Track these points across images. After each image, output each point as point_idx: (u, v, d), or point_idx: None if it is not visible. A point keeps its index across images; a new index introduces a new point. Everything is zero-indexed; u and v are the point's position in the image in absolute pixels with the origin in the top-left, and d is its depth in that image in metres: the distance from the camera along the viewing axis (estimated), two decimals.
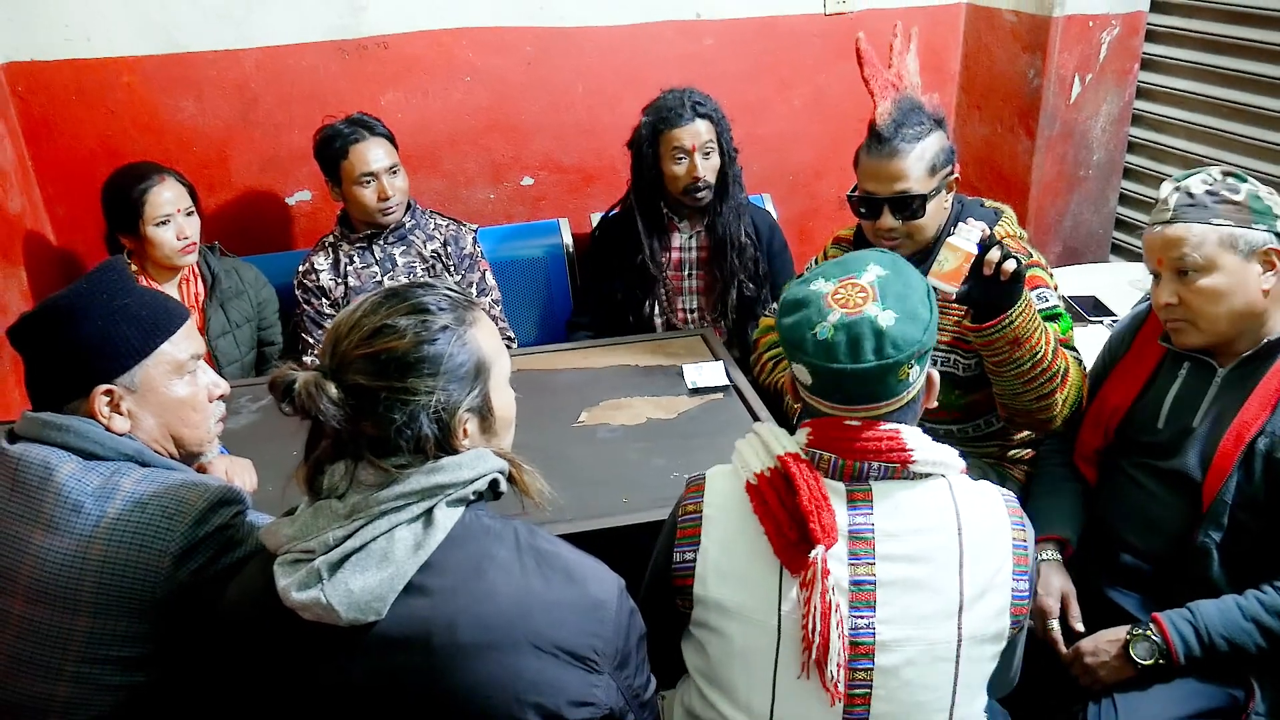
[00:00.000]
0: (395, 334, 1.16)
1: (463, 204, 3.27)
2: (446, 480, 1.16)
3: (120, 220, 2.53)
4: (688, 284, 2.83)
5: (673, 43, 3.22)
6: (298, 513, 1.19)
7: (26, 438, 1.40)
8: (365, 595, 1.10)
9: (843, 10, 3.31)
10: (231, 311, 2.69)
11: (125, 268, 1.49)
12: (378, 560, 1.12)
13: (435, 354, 1.17)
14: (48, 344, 1.42)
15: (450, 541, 1.16)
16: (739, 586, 1.33)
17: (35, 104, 2.84)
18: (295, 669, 1.17)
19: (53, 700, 1.33)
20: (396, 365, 1.15)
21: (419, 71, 3.08)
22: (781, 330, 1.34)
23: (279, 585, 1.13)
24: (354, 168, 2.64)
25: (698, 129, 2.64)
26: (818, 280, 1.35)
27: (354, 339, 1.17)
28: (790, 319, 1.33)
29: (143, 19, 2.82)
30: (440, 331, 1.18)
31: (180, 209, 2.54)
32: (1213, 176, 1.71)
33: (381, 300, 1.21)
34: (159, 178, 2.52)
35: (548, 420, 2.20)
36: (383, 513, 1.14)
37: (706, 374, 2.33)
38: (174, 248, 2.53)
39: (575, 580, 1.19)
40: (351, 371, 1.15)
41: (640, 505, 1.87)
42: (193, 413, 1.49)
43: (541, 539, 1.23)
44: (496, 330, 1.30)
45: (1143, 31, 3.17)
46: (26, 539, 1.34)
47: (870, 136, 2.02)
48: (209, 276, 2.68)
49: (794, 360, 1.33)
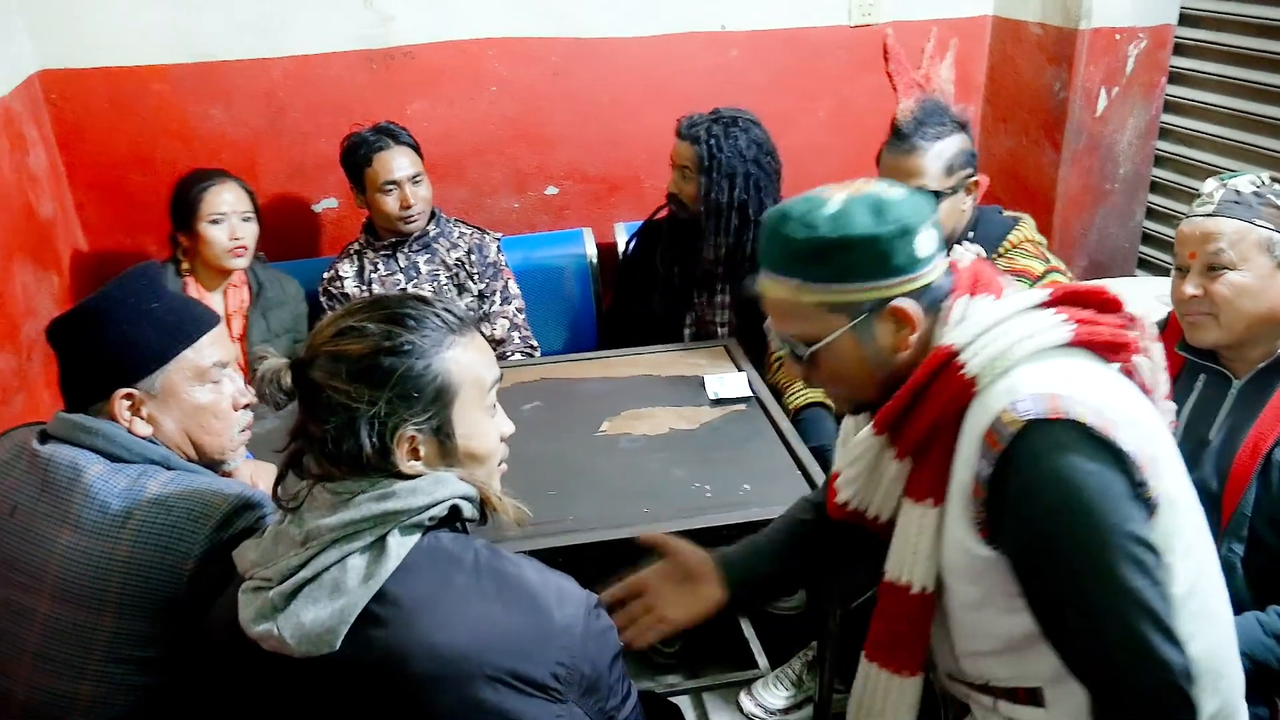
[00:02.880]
0: (357, 337, 1.14)
1: (487, 213, 3.28)
2: (398, 507, 1.12)
3: (179, 216, 2.60)
4: (719, 297, 2.83)
5: (698, 54, 3.23)
6: (265, 534, 1.18)
7: (58, 438, 1.42)
8: (316, 628, 1.08)
9: (868, 22, 3.31)
10: (273, 320, 2.72)
11: (156, 273, 1.50)
12: (329, 591, 1.09)
13: (389, 366, 1.13)
14: (74, 346, 1.45)
15: (405, 569, 1.11)
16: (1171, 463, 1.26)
17: (68, 111, 2.88)
18: (262, 695, 1.16)
19: (76, 699, 1.34)
20: (348, 368, 1.13)
21: (445, 81, 3.10)
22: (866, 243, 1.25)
23: (240, 616, 1.12)
24: (378, 175, 2.66)
25: (682, 149, 2.67)
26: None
27: (325, 334, 1.16)
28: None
29: (174, 29, 2.86)
30: (404, 346, 1.14)
31: (237, 211, 2.60)
32: (1261, 179, 1.72)
33: (366, 304, 1.20)
34: (221, 180, 2.61)
35: (570, 429, 2.20)
36: (334, 541, 1.11)
37: (729, 384, 2.33)
38: (224, 247, 2.58)
39: (538, 605, 1.14)
40: (314, 366, 1.14)
41: (661, 515, 1.87)
42: (214, 420, 1.50)
43: (504, 560, 1.17)
44: (488, 358, 1.25)
45: (1170, 45, 3.15)
46: (54, 538, 1.35)
47: (891, 133, 2.03)
48: (255, 285, 2.72)
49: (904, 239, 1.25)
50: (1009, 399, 1.19)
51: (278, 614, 1.09)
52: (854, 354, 1.31)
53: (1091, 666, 1.20)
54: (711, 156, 2.66)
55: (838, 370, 1.34)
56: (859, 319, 1.28)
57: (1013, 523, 1.21)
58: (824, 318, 1.29)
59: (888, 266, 1.25)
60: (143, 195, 2.98)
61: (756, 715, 2.35)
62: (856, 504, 1.42)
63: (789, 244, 1.27)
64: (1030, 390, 1.19)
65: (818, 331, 1.30)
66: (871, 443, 1.34)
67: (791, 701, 2.34)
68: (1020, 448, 1.18)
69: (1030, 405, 1.17)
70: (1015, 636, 1.29)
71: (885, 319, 1.28)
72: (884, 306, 1.27)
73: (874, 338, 1.30)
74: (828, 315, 1.29)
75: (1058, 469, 1.17)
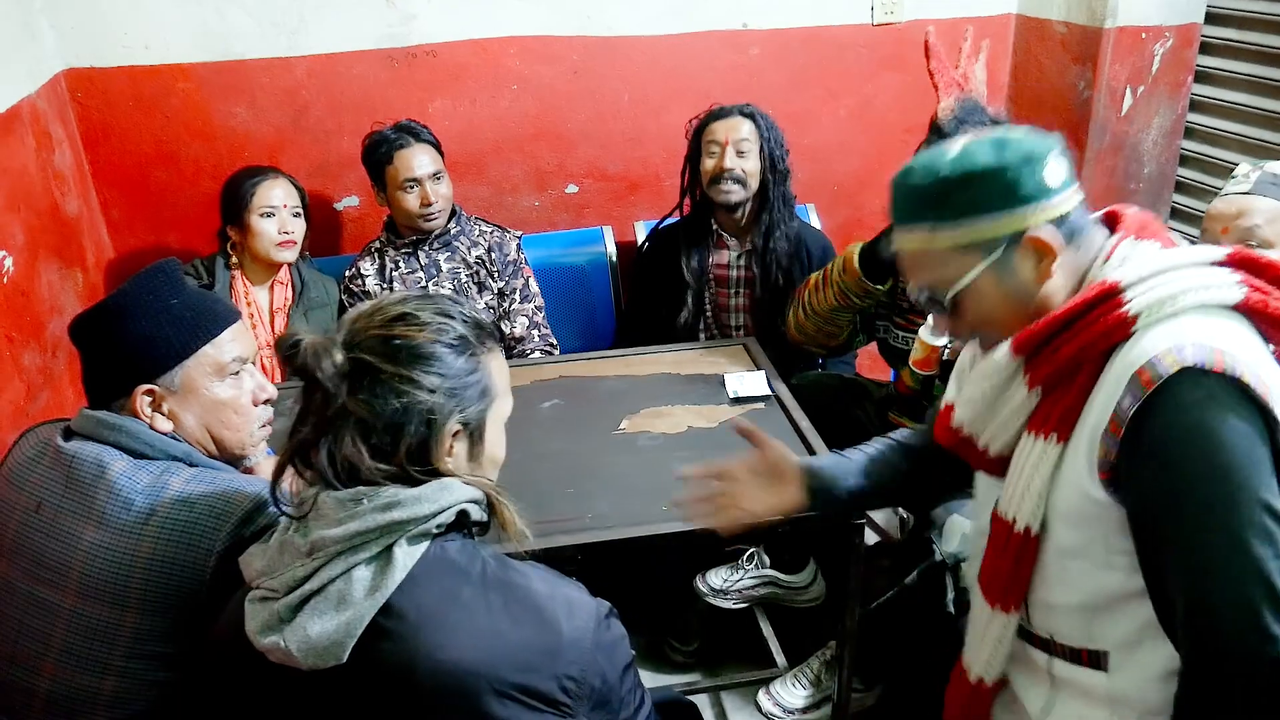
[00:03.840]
0: (416, 324, 1.15)
1: (507, 211, 3.29)
2: (404, 516, 1.11)
3: (230, 210, 2.64)
4: (734, 300, 2.83)
5: (719, 52, 3.22)
6: (271, 542, 1.18)
7: (82, 435, 1.43)
8: (323, 640, 1.07)
9: (890, 21, 3.29)
10: (313, 320, 2.74)
11: (175, 269, 1.51)
12: (334, 603, 1.08)
13: (447, 356, 1.15)
14: (95, 343, 1.46)
15: (412, 581, 1.10)
16: None
17: (93, 109, 2.90)
18: (269, 705, 1.15)
19: (100, 694, 1.35)
20: (408, 353, 1.13)
21: (466, 79, 3.10)
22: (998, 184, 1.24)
23: (247, 627, 1.12)
24: (398, 173, 2.68)
25: (736, 124, 2.65)
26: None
27: (374, 319, 1.16)
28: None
29: (198, 27, 2.88)
30: (457, 340, 1.16)
31: (287, 205, 2.65)
32: None
33: (410, 295, 1.21)
34: (274, 176, 2.66)
35: (589, 427, 2.21)
36: (339, 552, 1.10)
37: (748, 383, 2.33)
38: (273, 240, 2.62)
39: (545, 618, 1.12)
40: (362, 349, 1.14)
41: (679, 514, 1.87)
42: (234, 415, 1.51)
43: (512, 571, 1.16)
44: (507, 371, 1.27)
45: (1197, 43, 3.12)
46: (79, 534, 1.36)
47: (931, 132, 2.03)
48: (299, 283, 2.74)
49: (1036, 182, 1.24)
50: (1171, 341, 1.16)
51: (284, 626, 1.09)
52: (995, 292, 1.28)
53: (1192, 629, 1.17)
54: (769, 129, 2.68)
55: (982, 311, 1.31)
56: (995, 254, 1.26)
57: (1144, 467, 1.17)
58: (959, 259, 1.27)
59: (1016, 196, 1.23)
60: (168, 194, 3.00)
61: (775, 714, 2.35)
62: (969, 429, 1.39)
63: (914, 191, 1.27)
64: (1195, 338, 1.15)
65: (955, 274, 1.28)
66: (1006, 365, 1.30)
67: (810, 701, 2.34)
68: (1173, 390, 1.14)
69: (1194, 353, 1.14)
70: (1101, 594, 1.27)
71: (1023, 251, 1.25)
72: (1019, 238, 1.25)
73: (1014, 272, 1.27)
74: (962, 256, 1.27)
75: (1206, 420, 1.13)
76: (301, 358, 1.12)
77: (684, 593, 2.60)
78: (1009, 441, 1.34)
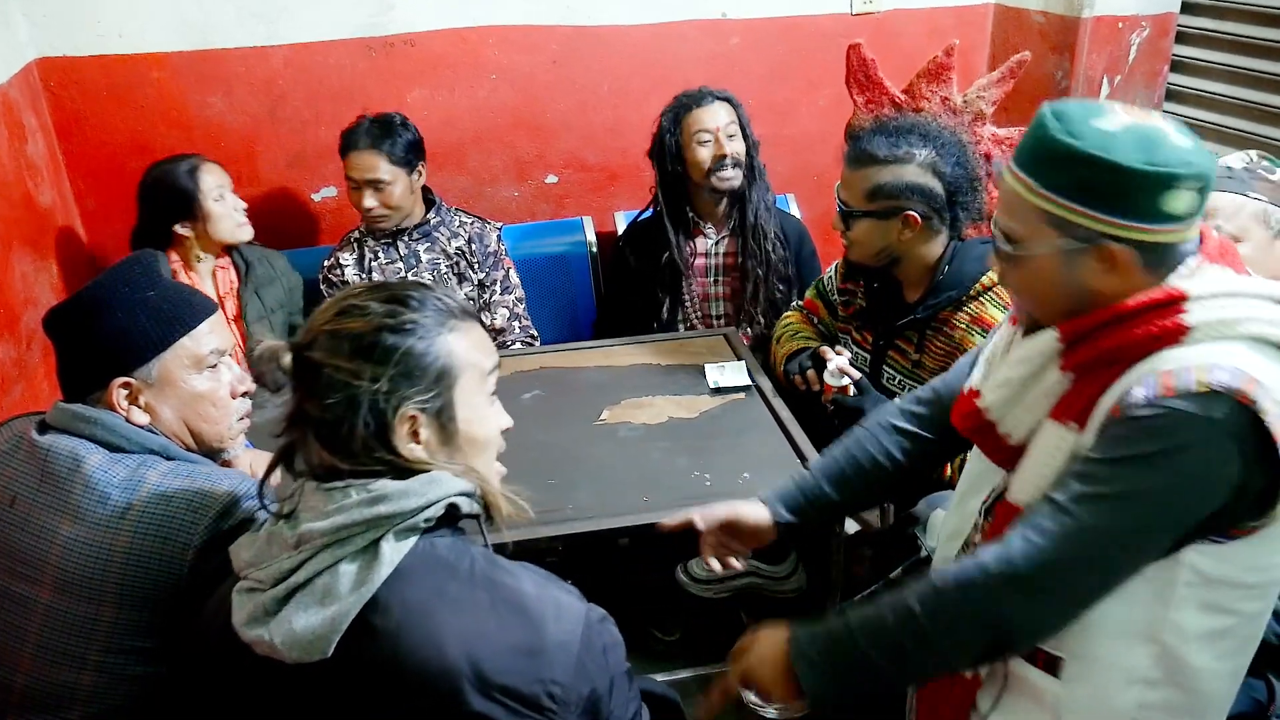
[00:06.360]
0: (359, 315, 1.13)
1: (487, 201, 3.28)
2: (390, 510, 1.09)
3: (175, 207, 2.56)
4: (714, 289, 2.83)
5: (699, 42, 3.22)
6: (259, 533, 1.17)
7: (57, 428, 1.42)
8: (308, 635, 1.05)
9: (869, 10, 3.30)
10: (266, 298, 2.71)
11: (152, 261, 1.50)
12: (320, 597, 1.07)
13: (392, 344, 1.11)
14: (70, 336, 1.45)
15: (398, 576, 1.08)
16: None
17: (67, 99, 2.87)
18: (254, 698, 1.15)
19: (77, 689, 1.34)
20: (350, 345, 1.11)
21: (445, 69, 3.09)
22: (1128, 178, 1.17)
23: (234, 619, 1.11)
24: (348, 170, 2.67)
25: (718, 111, 2.66)
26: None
27: (326, 315, 1.15)
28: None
29: (174, 15, 2.85)
30: (407, 324, 1.13)
31: (226, 185, 2.62)
32: (1250, 157, 1.74)
33: (368, 287, 1.19)
34: (201, 161, 2.60)
35: (569, 418, 2.20)
36: (325, 545, 1.09)
37: (729, 374, 2.33)
38: (235, 220, 2.60)
39: (531, 620, 1.10)
40: (313, 347, 1.12)
41: (660, 504, 1.87)
42: (211, 408, 1.50)
43: (501, 570, 1.14)
44: (488, 346, 1.24)
45: (1173, 33, 3.14)
46: (55, 529, 1.35)
47: (847, 139, 2.12)
48: (242, 264, 2.71)
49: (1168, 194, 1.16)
50: (1211, 360, 1.14)
51: (270, 619, 1.08)
52: (1051, 275, 1.25)
53: (1041, 518, 1.21)
54: (737, 106, 2.70)
55: (1030, 284, 1.29)
56: (1071, 243, 1.21)
57: (1120, 426, 1.18)
58: (1039, 226, 1.23)
59: (1125, 204, 1.17)
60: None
61: (756, 704, 2.35)
62: (995, 414, 1.36)
63: (1043, 141, 1.21)
64: (1235, 364, 1.13)
65: (1028, 235, 1.25)
66: (1046, 347, 1.28)
67: None
68: (1188, 408, 1.13)
69: (1227, 377, 1.12)
70: None
71: (1097, 256, 1.21)
72: (1100, 241, 1.19)
73: (1076, 268, 1.23)
74: (1044, 226, 1.23)
75: (1201, 438, 1.13)
76: (254, 365, 1.14)
77: (666, 583, 2.60)
78: (1031, 427, 1.32)
